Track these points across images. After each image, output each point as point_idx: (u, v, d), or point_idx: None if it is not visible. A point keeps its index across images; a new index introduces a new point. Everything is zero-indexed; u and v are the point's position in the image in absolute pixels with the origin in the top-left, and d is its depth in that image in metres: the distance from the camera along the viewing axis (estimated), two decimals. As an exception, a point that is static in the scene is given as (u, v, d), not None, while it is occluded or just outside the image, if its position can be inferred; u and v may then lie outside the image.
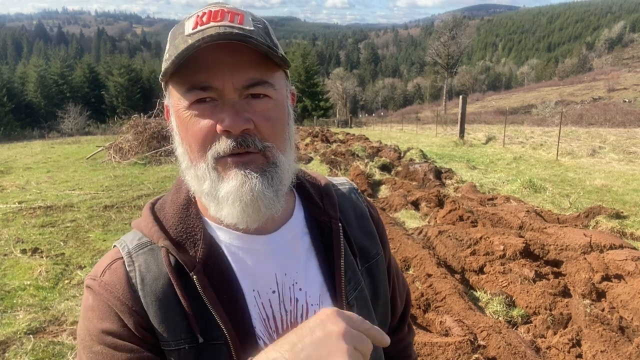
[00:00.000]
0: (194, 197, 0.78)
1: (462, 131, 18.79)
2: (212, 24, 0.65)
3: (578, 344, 2.89)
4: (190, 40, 0.64)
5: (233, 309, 0.70)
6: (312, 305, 0.76)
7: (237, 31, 0.64)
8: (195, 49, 0.63)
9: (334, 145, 16.37)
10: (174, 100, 0.70)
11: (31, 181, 9.60)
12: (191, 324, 0.68)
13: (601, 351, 2.75)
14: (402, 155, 13.13)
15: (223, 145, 0.66)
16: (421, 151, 13.52)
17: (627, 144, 14.48)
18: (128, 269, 0.71)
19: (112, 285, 0.70)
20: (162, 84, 0.73)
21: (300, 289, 0.76)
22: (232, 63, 0.65)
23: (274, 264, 0.75)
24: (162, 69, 0.68)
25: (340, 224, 0.81)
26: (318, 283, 0.77)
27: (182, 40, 0.66)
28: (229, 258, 0.73)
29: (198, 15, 0.67)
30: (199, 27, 0.65)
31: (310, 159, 12.48)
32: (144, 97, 52.60)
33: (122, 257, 0.72)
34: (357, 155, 12.81)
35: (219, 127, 0.65)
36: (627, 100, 51.80)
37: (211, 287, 0.69)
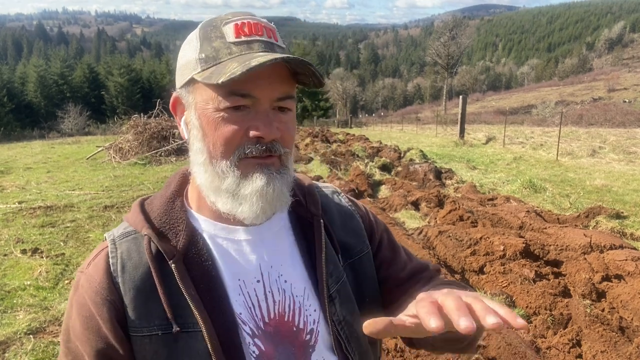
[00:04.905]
0: (185, 191, 0.83)
1: (462, 131, 18.78)
2: (255, 37, 0.72)
3: (578, 344, 2.89)
4: (235, 48, 0.71)
5: (211, 298, 0.73)
6: (297, 296, 0.80)
7: (302, 59, 0.70)
8: (267, 65, 0.66)
9: (334, 146, 16.37)
10: (201, 98, 0.73)
11: (31, 181, 9.60)
12: (166, 311, 0.71)
13: (601, 351, 2.75)
14: (402, 155, 13.13)
15: (253, 149, 0.71)
16: (421, 151, 13.52)
17: (627, 144, 14.47)
18: (110, 257, 0.75)
19: (92, 277, 0.74)
20: (186, 77, 0.74)
21: (285, 281, 0.80)
22: (271, 77, 0.70)
23: (257, 255, 0.79)
24: (199, 69, 0.71)
25: (322, 221, 0.85)
26: (302, 276, 0.82)
27: (223, 45, 0.71)
28: (212, 248, 0.77)
29: (237, 24, 0.72)
30: (243, 38, 0.71)
31: (310, 159, 12.48)
32: (144, 97, 52.59)
33: (107, 247, 0.76)
34: (357, 156, 12.80)
35: (253, 133, 0.71)
36: (627, 101, 51.78)
37: (190, 276, 0.73)
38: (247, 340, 0.74)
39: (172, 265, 0.72)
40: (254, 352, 0.74)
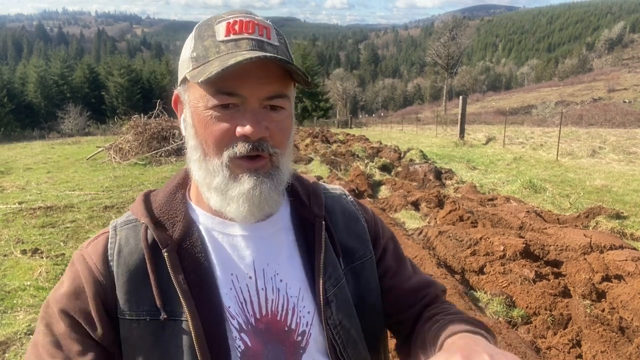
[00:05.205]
0: (188, 184, 0.85)
1: (462, 131, 18.78)
2: (245, 35, 0.71)
3: (578, 344, 2.89)
4: (223, 46, 0.71)
5: (200, 289, 0.74)
6: (291, 297, 0.79)
7: (281, 56, 0.71)
8: (243, 64, 0.66)
9: (334, 146, 16.37)
10: (193, 97, 0.74)
11: (31, 182, 9.59)
12: (156, 298, 0.72)
13: (601, 351, 2.75)
14: (402, 155, 13.13)
15: (241, 147, 0.71)
16: (421, 152, 13.52)
17: (627, 144, 14.47)
18: (109, 242, 0.78)
19: (89, 256, 0.76)
20: (180, 76, 0.77)
21: (281, 280, 0.79)
22: (260, 75, 0.70)
23: (252, 251, 0.79)
24: (190, 68, 0.73)
25: (323, 222, 0.84)
26: (299, 277, 0.81)
27: (212, 44, 0.72)
28: (207, 241, 0.78)
29: (229, 23, 0.72)
30: (232, 36, 0.71)
31: (310, 160, 12.48)
32: (144, 98, 52.58)
33: (108, 232, 0.80)
34: (357, 156, 12.80)
35: (239, 131, 0.71)
36: (627, 101, 51.78)
37: (182, 266, 0.74)
38: (234, 334, 0.74)
39: (165, 254, 0.73)
40: (239, 346, 0.74)
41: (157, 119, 14.43)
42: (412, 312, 0.90)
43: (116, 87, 54.91)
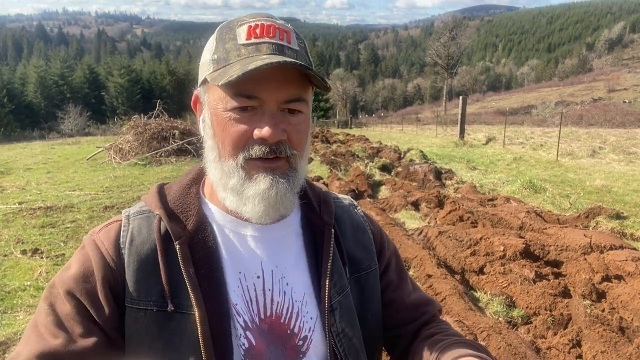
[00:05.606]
0: (202, 180, 0.86)
1: (462, 132, 18.78)
2: (265, 39, 0.72)
3: (578, 344, 2.89)
4: (244, 50, 0.72)
5: (209, 284, 0.75)
6: (296, 301, 0.80)
7: (301, 62, 0.71)
8: (263, 68, 0.67)
9: (334, 146, 16.37)
10: (213, 98, 0.75)
11: (31, 182, 9.59)
12: (165, 290, 0.73)
13: (601, 352, 2.75)
14: (402, 155, 13.13)
15: (257, 150, 0.72)
16: (421, 152, 13.52)
17: (627, 144, 14.47)
18: (122, 229, 0.78)
19: (101, 241, 0.77)
20: (201, 77, 0.78)
21: (287, 284, 0.80)
22: (279, 79, 0.71)
23: (261, 252, 0.80)
24: (211, 70, 0.74)
25: (333, 230, 0.85)
26: (304, 282, 0.82)
27: (233, 47, 0.73)
28: (218, 237, 0.79)
29: (250, 26, 0.73)
30: (253, 40, 0.72)
31: (310, 160, 12.47)
32: (144, 98, 52.58)
33: (121, 220, 0.80)
34: (357, 156, 12.80)
35: (256, 134, 0.72)
36: (627, 101, 51.80)
37: (192, 259, 0.75)
38: (239, 332, 0.75)
39: (177, 246, 0.74)
40: (243, 344, 0.75)
41: (157, 119, 14.43)
42: (411, 327, 0.92)
43: (116, 88, 54.93)
